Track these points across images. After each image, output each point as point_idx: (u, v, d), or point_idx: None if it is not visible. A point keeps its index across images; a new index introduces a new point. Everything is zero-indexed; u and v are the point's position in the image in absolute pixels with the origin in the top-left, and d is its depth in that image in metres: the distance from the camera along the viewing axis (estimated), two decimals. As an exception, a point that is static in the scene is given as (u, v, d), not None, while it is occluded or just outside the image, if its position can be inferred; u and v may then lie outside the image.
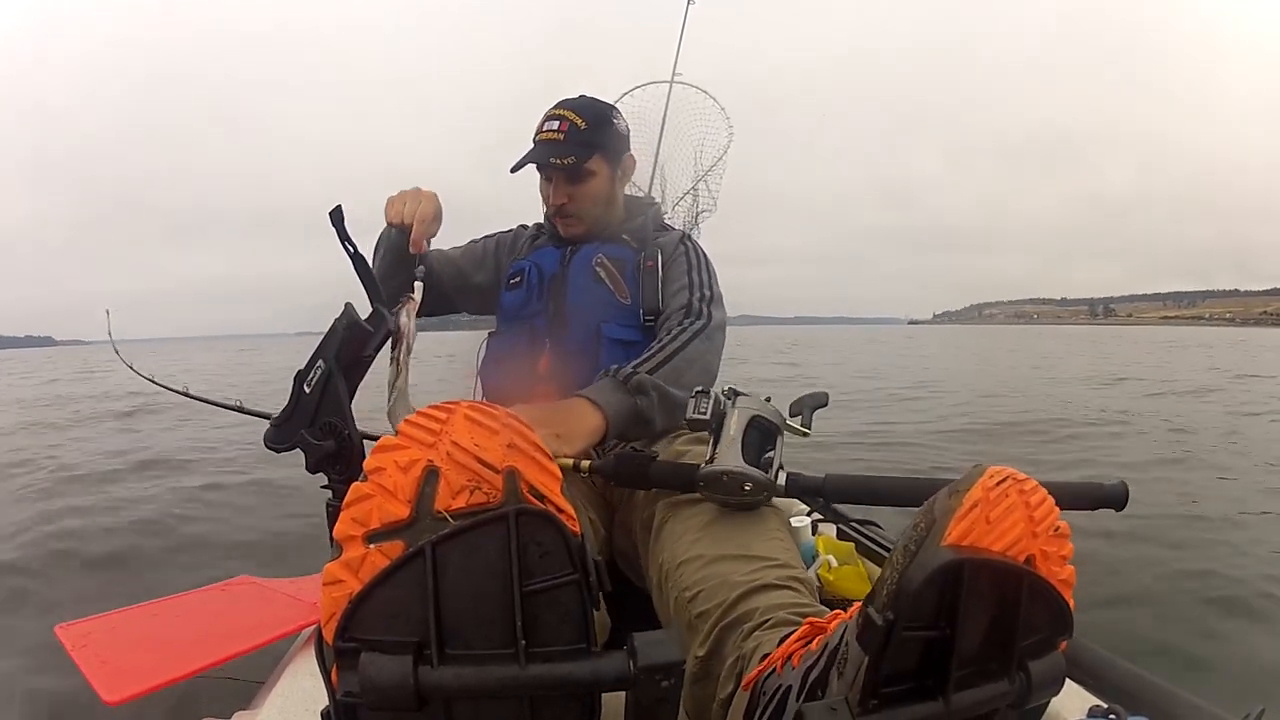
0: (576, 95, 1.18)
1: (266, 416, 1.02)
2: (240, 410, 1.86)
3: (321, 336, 0.87)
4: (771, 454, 0.84)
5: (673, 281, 1.14)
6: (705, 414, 0.85)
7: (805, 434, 0.90)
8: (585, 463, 0.86)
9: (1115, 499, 0.78)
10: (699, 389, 0.86)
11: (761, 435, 0.84)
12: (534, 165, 1.16)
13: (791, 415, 0.92)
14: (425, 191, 1.04)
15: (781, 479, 0.83)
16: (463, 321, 1.50)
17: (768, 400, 0.87)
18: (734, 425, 0.82)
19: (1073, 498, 0.75)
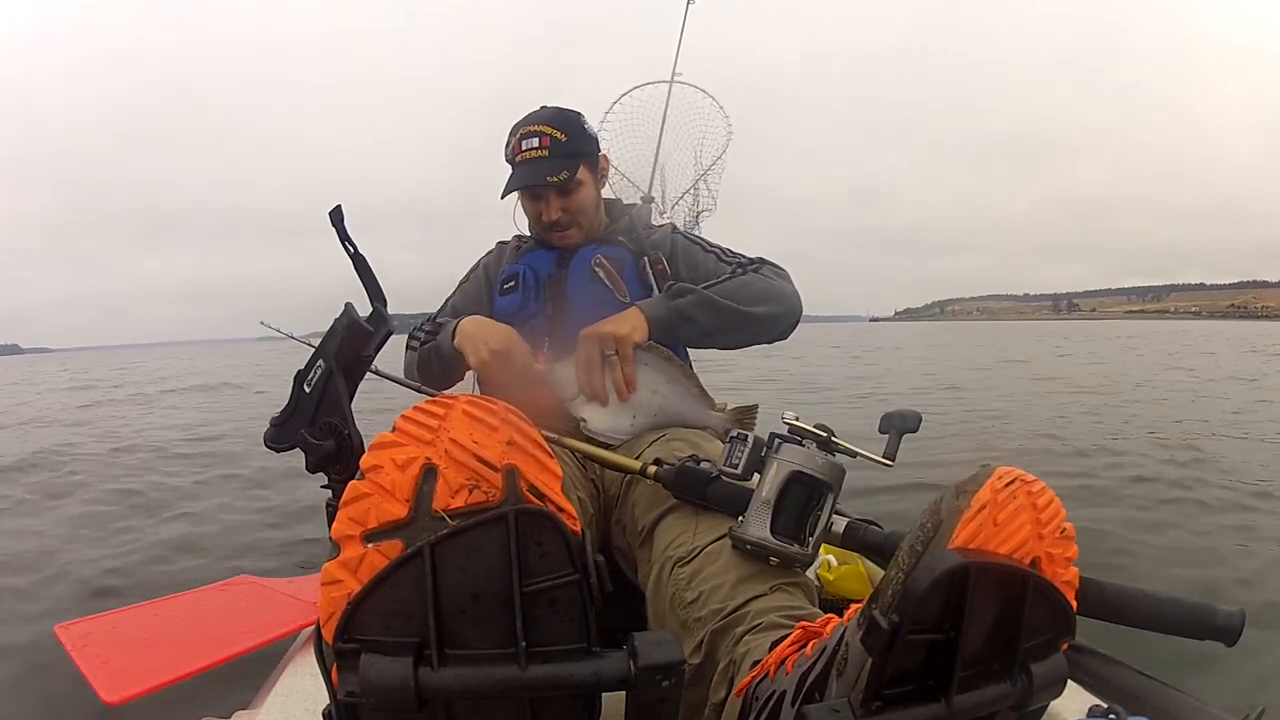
0: (538, 108, 1.17)
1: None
2: None
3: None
4: (819, 512, 0.72)
5: (699, 266, 1.16)
6: (738, 466, 0.75)
7: (887, 465, 0.77)
8: (651, 468, 0.84)
9: (1227, 632, 0.64)
10: (736, 433, 0.78)
11: (808, 491, 0.72)
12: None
13: (881, 431, 0.81)
14: (493, 333, 1.03)
15: (840, 525, 0.76)
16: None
17: (828, 438, 0.74)
18: (768, 486, 0.72)
19: (1172, 621, 0.65)
